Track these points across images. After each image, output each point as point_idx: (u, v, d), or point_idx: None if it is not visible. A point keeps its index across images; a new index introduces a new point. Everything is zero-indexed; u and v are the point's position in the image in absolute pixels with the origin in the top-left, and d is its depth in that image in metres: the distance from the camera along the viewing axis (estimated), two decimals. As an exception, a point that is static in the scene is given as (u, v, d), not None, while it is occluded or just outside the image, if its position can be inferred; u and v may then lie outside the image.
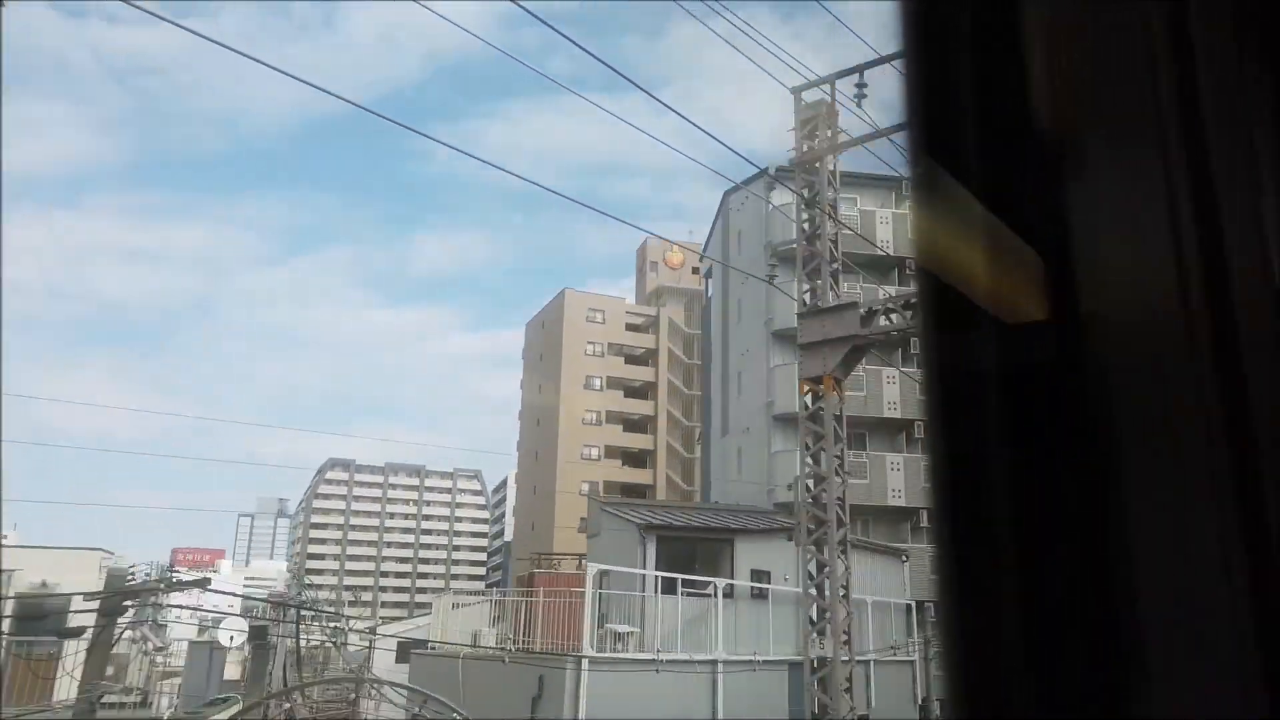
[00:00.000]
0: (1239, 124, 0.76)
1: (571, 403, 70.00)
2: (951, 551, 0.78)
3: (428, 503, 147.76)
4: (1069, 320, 0.74)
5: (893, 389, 30.08)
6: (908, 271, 31.68)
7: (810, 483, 13.22)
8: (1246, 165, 0.75)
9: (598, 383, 70.43)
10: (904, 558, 24.81)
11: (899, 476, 29.74)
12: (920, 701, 23.56)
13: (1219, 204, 0.71)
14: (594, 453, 67.50)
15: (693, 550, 18.28)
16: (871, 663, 21.49)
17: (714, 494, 35.99)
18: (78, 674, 11.52)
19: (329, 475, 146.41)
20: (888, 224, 31.77)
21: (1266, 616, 0.64)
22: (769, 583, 19.17)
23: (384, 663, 27.00)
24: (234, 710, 18.26)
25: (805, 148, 15.40)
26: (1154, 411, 0.71)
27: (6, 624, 16.60)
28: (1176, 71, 0.74)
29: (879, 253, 31.16)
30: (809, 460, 13.07)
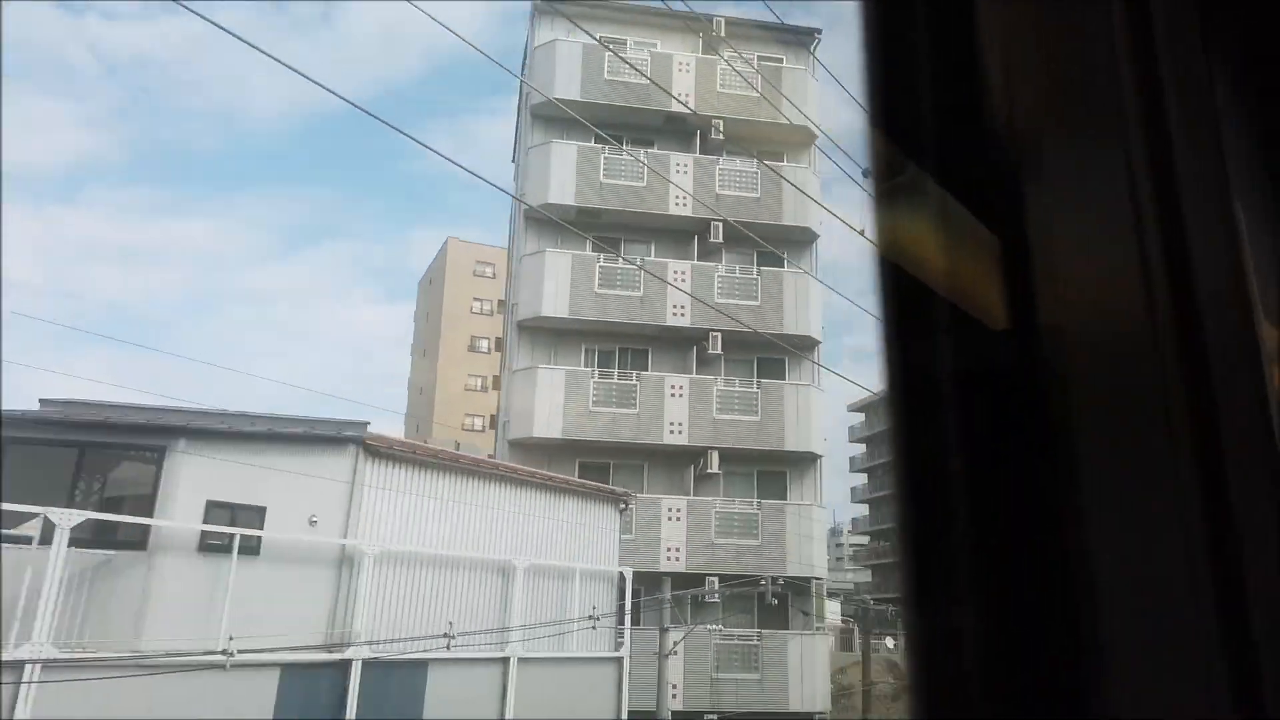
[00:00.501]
0: (1205, 121, 0.76)
1: (452, 367, 61.97)
2: (913, 548, 0.76)
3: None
4: (1033, 316, 0.75)
5: (680, 290, 22.15)
6: (714, 136, 23.68)
7: None
8: (1213, 163, 0.75)
9: (485, 344, 62.39)
10: (623, 506, 16.88)
11: (681, 405, 21.80)
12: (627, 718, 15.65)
13: (1182, 201, 0.72)
14: (478, 423, 59.58)
15: (78, 464, 10.42)
16: (513, 661, 13.58)
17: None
18: None
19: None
20: (688, 72, 23.77)
21: (1230, 619, 0.67)
22: (261, 527, 11.22)
23: None
24: None
25: None
26: (1119, 410, 0.72)
27: None
28: (1139, 63, 0.74)
29: (676, 109, 23.17)
30: None
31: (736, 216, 22.95)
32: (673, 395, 21.93)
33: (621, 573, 16.17)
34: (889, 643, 43.82)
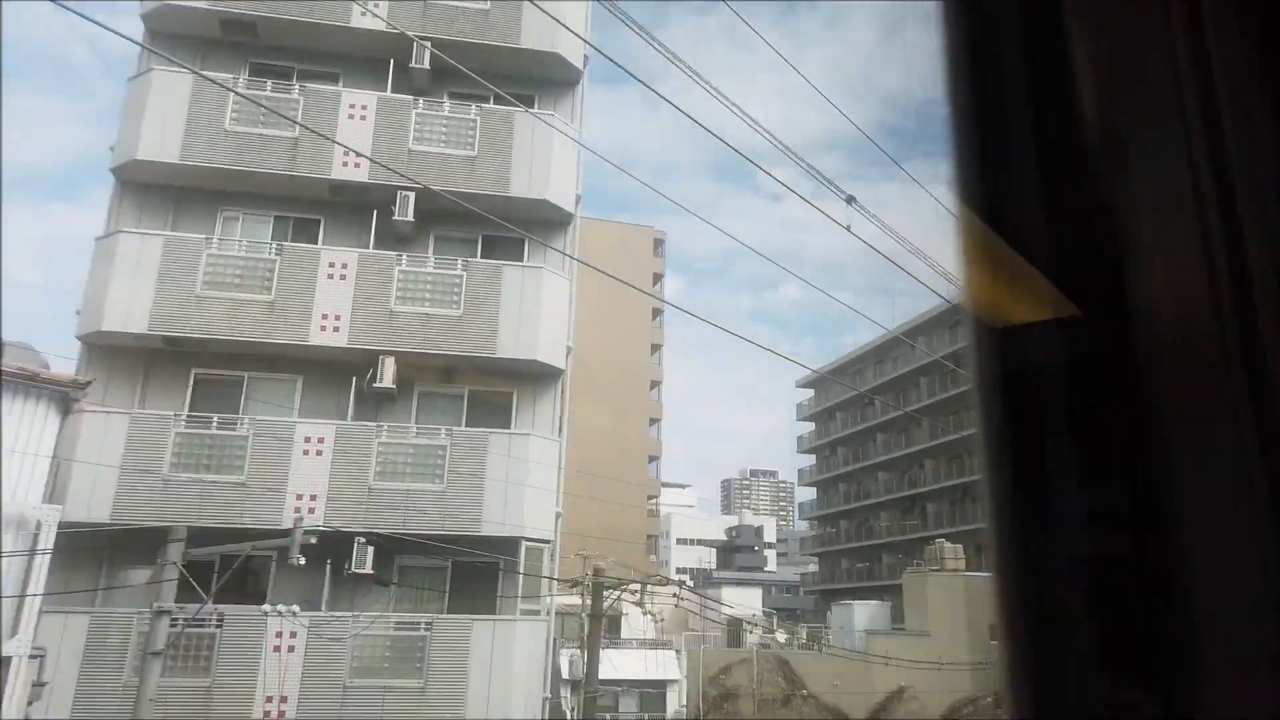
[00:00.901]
0: (1250, 120, 0.79)
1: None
2: (1011, 553, 0.79)
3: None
4: (1114, 315, 0.78)
5: (357, 132, 15.48)
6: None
7: None
8: (1261, 160, 0.79)
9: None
10: (74, 398, 10.17)
11: (341, 291, 15.10)
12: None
13: (1237, 198, 0.75)
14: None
15: None
16: None
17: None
18: None
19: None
20: None
21: None
22: None
23: None
24: None
25: None
26: (1196, 421, 0.74)
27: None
28: (1197, 64, 0.77)
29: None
30: None
31: (449, 35, 16.27)
32: (331, 277, 15.21)
33: (39, 518, 9.45)
34: (779, 637, 37.26)
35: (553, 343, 15.83)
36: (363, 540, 13.81)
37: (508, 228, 14.23)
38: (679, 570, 63.96)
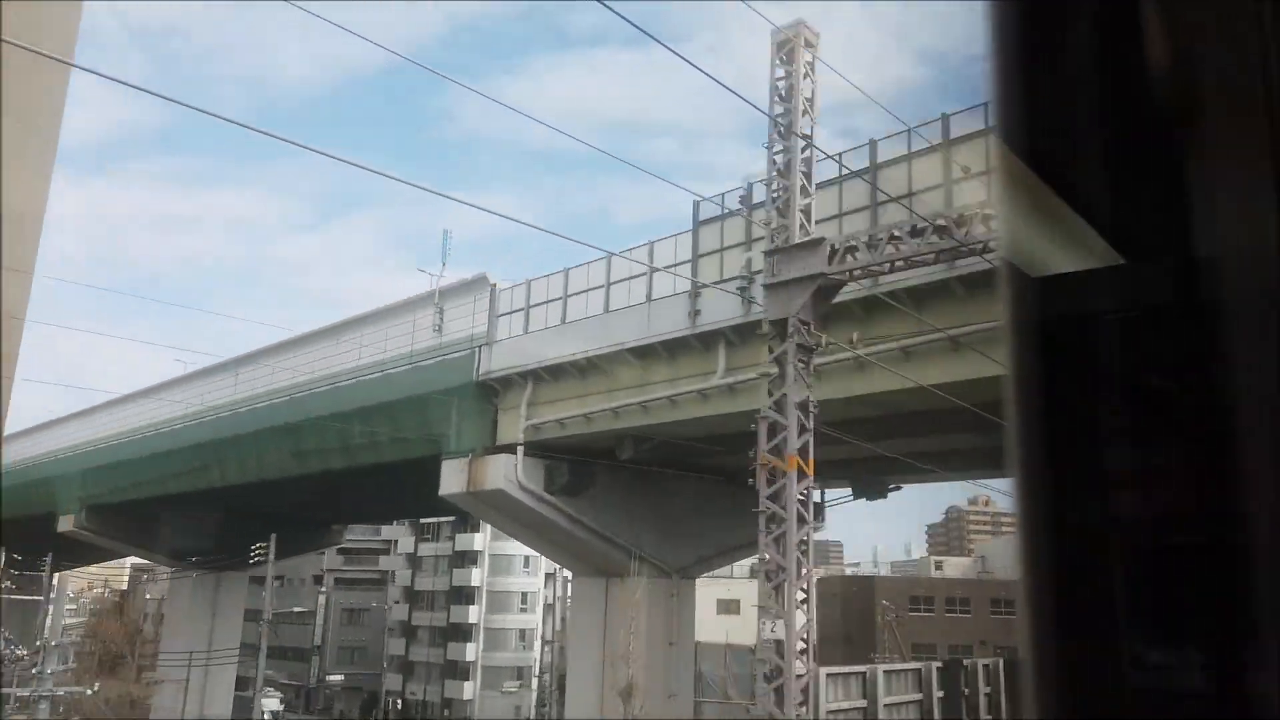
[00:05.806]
0: None
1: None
2: (1043, 516, 0.74)
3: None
4: (1157, 312, 0.74)
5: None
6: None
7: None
8: None
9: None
10: None
11: None
12: None
13: None
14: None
15: None
16: None
17: None
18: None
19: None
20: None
21: None
22: None
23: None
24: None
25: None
26: (1260, 374, 0.72)
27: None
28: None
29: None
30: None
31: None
32: None
33: None
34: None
35: None
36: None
37: None
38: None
